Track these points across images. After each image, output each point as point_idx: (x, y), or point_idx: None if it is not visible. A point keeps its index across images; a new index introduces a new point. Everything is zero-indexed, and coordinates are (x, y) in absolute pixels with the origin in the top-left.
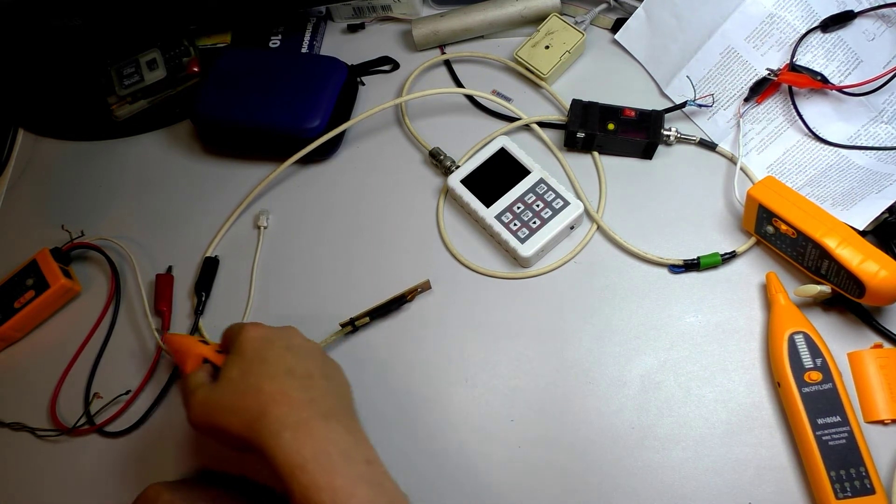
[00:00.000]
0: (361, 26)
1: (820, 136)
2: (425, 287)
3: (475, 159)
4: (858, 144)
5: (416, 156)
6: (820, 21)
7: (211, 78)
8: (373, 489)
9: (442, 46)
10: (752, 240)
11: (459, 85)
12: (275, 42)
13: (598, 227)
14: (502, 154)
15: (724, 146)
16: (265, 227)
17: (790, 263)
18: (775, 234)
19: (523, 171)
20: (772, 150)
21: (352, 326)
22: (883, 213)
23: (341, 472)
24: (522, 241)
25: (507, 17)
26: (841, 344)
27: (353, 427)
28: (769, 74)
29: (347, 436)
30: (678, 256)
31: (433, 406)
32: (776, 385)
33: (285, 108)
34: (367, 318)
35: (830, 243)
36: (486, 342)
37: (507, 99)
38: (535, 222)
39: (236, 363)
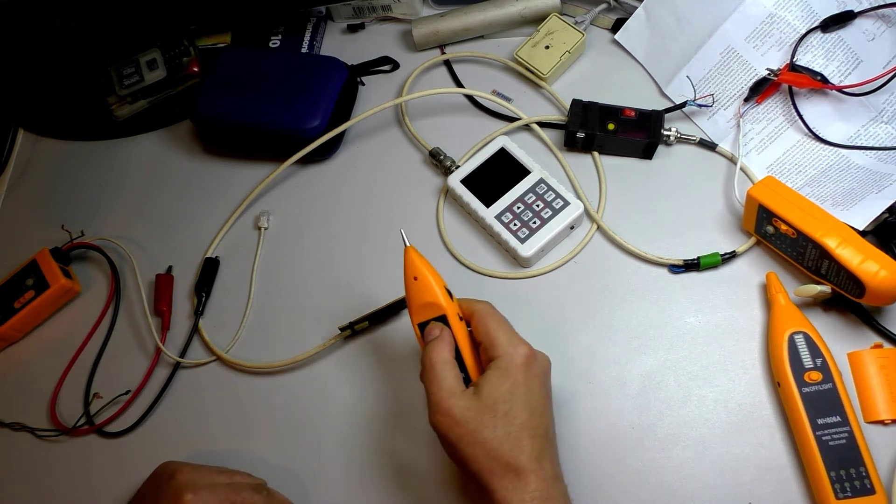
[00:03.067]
0: (361, 26)
1: (820, 136)
2: None
3: (475, 159)
4: (858, 144)
5: (416, 156)
6: (820, 21)
7: (211, 78)
8: None
9: (442, 46)
10: (752, 240)
11: (459, 85)
12: (275, 42)
13: (598, 227)
14: (502, 154)
15: (724, 146)
16: (266, 229)
17: (790, 263)
18: (775, 234)
19: (523, 171)
20: (772, 150)
21: (351, 331)
22: (883, 213)
23: None
24: (522, 241)
25: (507, 17)
26: (841, 344)
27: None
28: (769, 74)
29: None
30: (678, 256)
31: None
32: (776, 385)
33: (285, 108)
34: (367, 323)
35: (830, 243)
36: None
37: (507, 99)
38: (535, 222)
39: (505, 397)
